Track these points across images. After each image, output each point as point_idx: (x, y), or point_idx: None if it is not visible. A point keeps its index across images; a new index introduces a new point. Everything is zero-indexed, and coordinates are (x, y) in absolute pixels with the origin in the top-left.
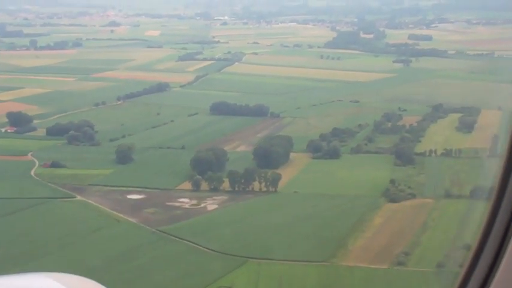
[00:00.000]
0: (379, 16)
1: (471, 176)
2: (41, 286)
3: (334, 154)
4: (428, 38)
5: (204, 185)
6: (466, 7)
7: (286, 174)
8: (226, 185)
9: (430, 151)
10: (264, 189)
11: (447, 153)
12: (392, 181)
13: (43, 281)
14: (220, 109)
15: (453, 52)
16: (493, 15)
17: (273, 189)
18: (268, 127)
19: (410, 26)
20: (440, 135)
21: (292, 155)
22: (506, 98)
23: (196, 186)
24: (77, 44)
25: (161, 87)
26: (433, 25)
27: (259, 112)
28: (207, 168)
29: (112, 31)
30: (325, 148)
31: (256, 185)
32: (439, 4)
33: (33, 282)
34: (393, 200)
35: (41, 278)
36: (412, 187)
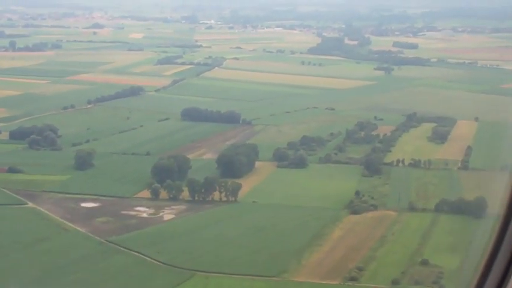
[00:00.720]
0: (368, 22)
1: (438, 188)
2: None
3: (300, 163)
4: (414, 46)
5: (164, 194)
6: (457, 15)
7: (249, 183)
8: (186, 194)
9: (398, 161)
10: (224, 198)
11: (415, 163)
12: (357, 192)
13: None
14: (192, 115)
15: (435, 60)
16: (481, 24)
17: (233, 199)
18: (238, 134)
19: (397, 33)
20: (410, 145)
21: (257, 163)
22: (483, 109)
23: (155, 195)
24: (57, 45)
25: (135, 91)
26: (421, 33)
27: (231, 119)
28: (167, 176)
29: (95, 33)
30: (291, 157)
31: (216, 195)
32: (430, 12)
33: None
34: (355, 212)
35: None
36: (376, 198)
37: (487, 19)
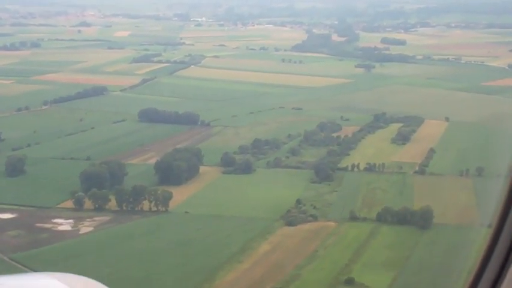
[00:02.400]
0: (362, 19)
1: (387, 195)
2: (46, 286)
3: (246, 169)
4: (402, 42)
5: (90, 204)
6: (454, 10)
7: (187, 191)
8: (114, 203)
9: (353, 166)
10: (155, 208)
11: (370, 168)
12: (298, 201)
13: (47, 280)
14: (149, 116)
15: (420, 57)
16: (478, 19)
17: (164, 209)
18: (192, 137)
19: (388, 29)
20: (371, 148)
21: (203, 169)
22: (456, 108)
23: (79, 205)
24: (36, 44)
25: (97, 91)
26: (413, 29)
27: (189, 120)
28: (97, 183)
29: (79, 31)
30: (238, 162)
31: (146, 204)
32: (427, 7)
33: (38, 282)
34: (290, 223)
35: (46, 278)
36: (318, 207)
37: (485, 14)
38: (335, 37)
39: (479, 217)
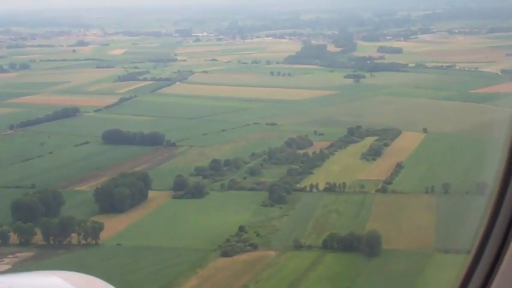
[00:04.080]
0: (365, 27)
1: (340, 218)
2: (50, 284)
3: (197, 192)
4: (398, 50)
5: (15, 237)
6: (459, 15)
7: (128, 219)
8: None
9: (311, 186)
10: (84, 241)
11: (330, 188)
12: (241, 228)
13: (52, 279)
14: (113, 137)
15: (413, 65)
16: (484, 24)
17: (94, 242)
18: (154, 159)
19: (388, 37)
20: (338, 165)
21: (153, 193)
22: (437, 118)
23: (4, 239)
24: (26, 66)
25: (69, 113)
26: (413, 36)
27: (154, 141)
28: (29, 215)
29: (74, 51)
30: (190, 185)
31: (75, 237)
32: (433, 13)
33: (43, 280)
34: (227, 254)
35: (50, 276)
36: (262, 235)
37: (492, 19)
38: (332, 47)
39: (436, 240)
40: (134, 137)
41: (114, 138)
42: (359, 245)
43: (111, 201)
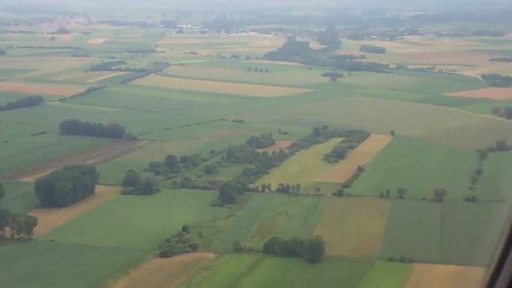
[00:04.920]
0: (353, 26)
1: (289, 221)
2: None
3: (147, 189)
4: (381, 50)
5: None
6: (450, 18)
7: (69, 215)
8: None
9: (264, 186)
10: (17, 236)
11: (283, 189)
12: (184, 228)
13: None
14: (71, 128)
15: (394, 66)
16: (472, 27)
17: (27, 237)
18: (110, 152)
19: (374, 36)
20: (298, 166)
21: (101, 188)
22: (407, 121)
23: None
24: (1, 52)
25: (32, 102)
26: (399, 37)
27: (113, 133)
28: None
29: (53, 38)
30: (141, 181)
31: (9, 231)
32: (425, 15)
33: None
34: (165, 255)
35: None
36: (205, 235)
37: (482, 22)
38: (315, 45)
39: (381, 247)
40: (93, 128)
41: (72, 129)
42: (301, 251)
43: (52, 195)
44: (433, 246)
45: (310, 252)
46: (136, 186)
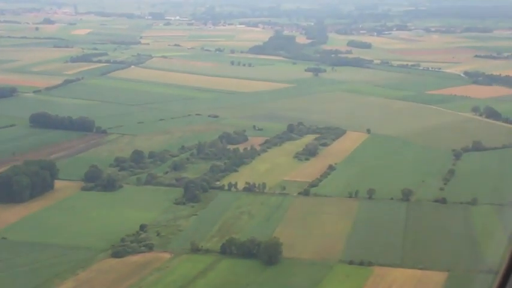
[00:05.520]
0: (343, 20)
1: (251, 221)
2: None
3: (109, 185)
4: (367, 46)
5: None
6: (443, 14)
7: (25, 211)
8: None
9: (230, 185)
10: None
11: (249, 188)
12: (142, 226)
13: None
14: (40, 121)
15: (378, 62)
16: (463, 23)
17: None
18: (76, 146)
19: (362, 31)
20: (268, 163)
21: (61, 184)
22: (385, 119)
23: None
24: None
25: (5, 93)
26: (387, 32)
27: (83, 126)
28: None
29: (37, 29)
30: (103, 177)
31: None
32: (415, 10)
33: None
34: (117, 255)
35: None
36: (163, 235)
37: (471, 18)
38: (302, 39)
39: (343, 250)
40: (62, 121)
41: (41, 122)
42: (258, 252)
43: (10, 190)
44: (394, 249)
45: (266, 254)
46: (97, 182)
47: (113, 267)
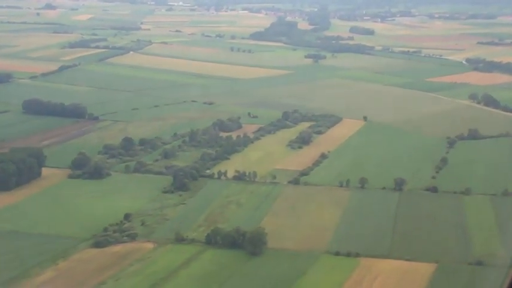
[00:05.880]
0: (347, 6)
1: (240, 210)
2: None
3: (96, 173)
4: (370, 32)
5: None
6: (447, 1)
7: (10, 199)
8: None
9: (220, 173)
10: None
11: (239, 176)
12: (126, 216)
13: None
14: (33, 107)
15: (380, 48)
16: (468, 10)
17: None
18: (68, 133)
19: (366, 18)
20: (260, 151)
21: (49, 171)
22: (383, 106)
23: None
24: None
25: (1, 78)
26: (391, 18)
27: (75, 113)
28: None
29: (38, 14)
30: (90, 165)
31: None
32: None
33: None
34: (99, 244)
35: None
36: (148, 224)
37: (477, 4)
38: (304, 25)
39: (331, 240)
40: (55, 108)
41: (34, 108)
42: (243, 242)
43: None
44: (383, 239)
45: (251, 244)
46: (84, 169)
47: (93, 257)
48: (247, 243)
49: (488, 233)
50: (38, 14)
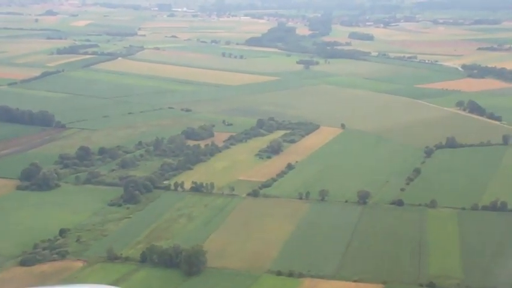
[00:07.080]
0: (352, 12)
1: (190, 224)
2: None
3: (44, 185)
4: (370, 37)
5: None
6: (454, 6)
7: None
8: None
9: (176, 185)
10: None
11: (197, 188)
12: (62, 231)
13: None
14: (1, 115)
15: (375, 54)
16: (474, 16)
17: None
18: (30, 141)
19: (369, 23)
20: (227, 161)
21: None
22: (363, 113)
23: None
24: None
25: None
26: (394, 24)
27: (42, 121)
28: None
29: (36, 20)
30: (39, 176)
31: None
32: (428, 2)
33: None
34: (26, 263)
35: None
36: (84, 240)
37: (483, 10)
38: (304, 31)
39: (275, 259)
40: (22, 115)
41: (2, 115)
42: (180, 261)
43: None
44: (333, 258)
45: (187, 263)
46: (33, 181)
47: (16, 277)
48: (183, 262)
49: (447, 251)
50: (36, 20)
